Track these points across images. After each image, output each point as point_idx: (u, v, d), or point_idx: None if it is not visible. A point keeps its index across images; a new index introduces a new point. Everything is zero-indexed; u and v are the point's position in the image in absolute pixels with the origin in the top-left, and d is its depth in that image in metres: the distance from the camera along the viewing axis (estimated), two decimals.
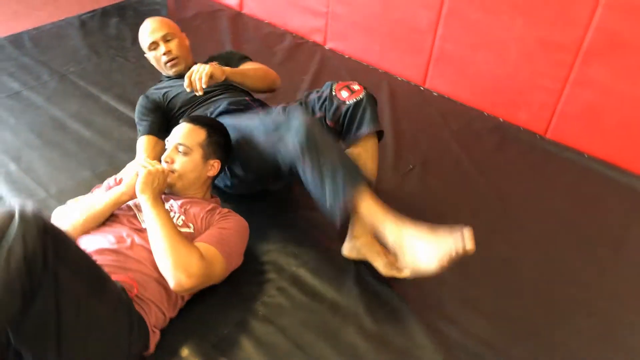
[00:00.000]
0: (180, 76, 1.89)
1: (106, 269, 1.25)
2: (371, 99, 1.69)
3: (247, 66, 2.00)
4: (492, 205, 1.91)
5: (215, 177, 1.66)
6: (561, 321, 1.52)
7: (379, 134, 1.73)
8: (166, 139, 1.62)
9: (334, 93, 1.68)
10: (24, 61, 2.60)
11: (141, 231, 1.44)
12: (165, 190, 1.50)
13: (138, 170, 1.44)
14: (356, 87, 1.68)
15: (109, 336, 1.20)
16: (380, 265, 1.55)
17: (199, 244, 1.39)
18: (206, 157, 1.58)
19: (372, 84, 2.57)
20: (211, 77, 1.70)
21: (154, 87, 2.02)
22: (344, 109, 1.67)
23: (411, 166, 2.07)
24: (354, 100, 1.65)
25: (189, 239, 1.40)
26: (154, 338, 1.33)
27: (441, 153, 2.16)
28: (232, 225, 1.50)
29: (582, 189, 2.02)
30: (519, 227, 1.83)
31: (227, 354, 1.38)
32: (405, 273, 1.47)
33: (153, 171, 1.43)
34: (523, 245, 1.76)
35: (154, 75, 2.54)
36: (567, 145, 2.21)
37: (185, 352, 1.38)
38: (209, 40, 2.90)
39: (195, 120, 1.63)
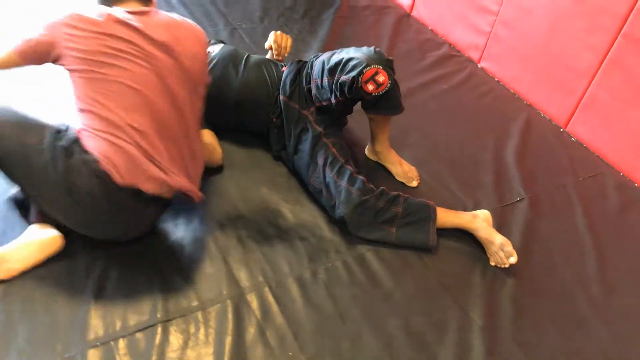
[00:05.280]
0: None
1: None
2: (395, 86, 1.74)
3: None
4: (588, 262, 1.81)
5: None
6: None
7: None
8: None
9: (359, 85, 1.64)
10: (209, 9, 2.95)
11: None
12: None
13: None
14: (382, 78, 1.64)
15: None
16: (395, 172, 2.02)
17: None
18: None
19: (513, 112, 2.54)
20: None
21: None
22: (367, 98, 1.72)
23: (518, 198, 2.02)
24: (380, 93, 1.67)
25: None
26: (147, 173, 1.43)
27: (556, 197, 2.08)
28: None
29: None
30: (608, 294, 1.71)
31: (278, 300, 1.52)
32: (414, 184, 2.00)
33: None
34: (608, 315, 1.65)
35: (306, 48, 2.76)
36: None
37: (245, 283, 1.55)
38: (369, 30, 3.05)
39: None
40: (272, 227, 1.74)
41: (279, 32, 2.14)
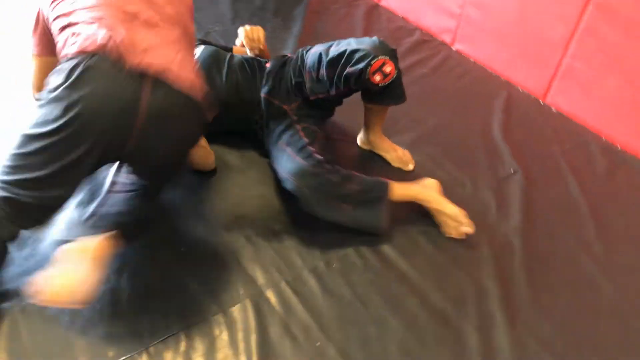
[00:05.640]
0: None
1: None
2: (399, 75, 1.76)
3: None
4: (587, 224, 1.87)
5: None
6: (632, 352, 1.48)
7: None
8: None
9: (367, 76, 1.64)
10: None
11: None
12: None
13: None
14: (389, 69, 1.64)
15: None
16: (390, 158, 2.02)
17: None
18: None
19: (492, 90, 2.59)
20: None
21: None
22: (374, 89, 1.72)
23: (512, 170, 2.07)
24: (386, 83, 1.67)
25: None
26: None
27: (547, 167, 2.13)
28: None
29: None
30: (610, 251, 1.77)
31: (297, 293, 1.52)
32: (410, 167, 2.01)
33: None
34: (613, 271, 1.70)
35: (282, 45, 2.75)
36: None
37: (261, 280, 1.54)
38: (341, 23, 3.07)
39: None
40: (279, 223, 1.74)
41: (247, 26, 2.11)
